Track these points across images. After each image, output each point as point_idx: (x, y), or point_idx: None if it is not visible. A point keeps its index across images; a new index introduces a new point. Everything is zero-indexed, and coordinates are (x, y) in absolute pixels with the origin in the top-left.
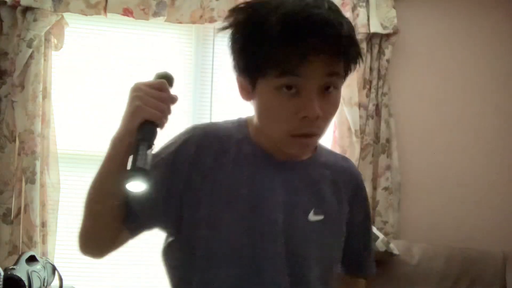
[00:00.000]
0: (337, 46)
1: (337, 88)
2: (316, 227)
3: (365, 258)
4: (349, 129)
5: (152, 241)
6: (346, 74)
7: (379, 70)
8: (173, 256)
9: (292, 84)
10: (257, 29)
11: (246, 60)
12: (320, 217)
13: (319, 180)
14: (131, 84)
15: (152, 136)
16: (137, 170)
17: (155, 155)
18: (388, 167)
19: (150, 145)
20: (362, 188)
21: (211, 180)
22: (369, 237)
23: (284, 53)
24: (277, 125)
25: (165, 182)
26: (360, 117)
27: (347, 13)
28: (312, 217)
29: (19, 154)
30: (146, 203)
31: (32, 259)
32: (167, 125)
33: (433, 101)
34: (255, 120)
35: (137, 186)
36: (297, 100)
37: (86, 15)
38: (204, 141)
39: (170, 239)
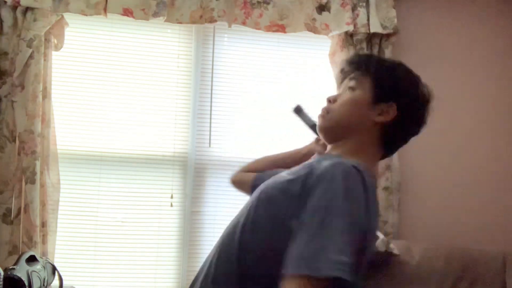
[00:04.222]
0: (350, 64)
1: (353, 89)
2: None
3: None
4: None
5: (151, 242)
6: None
7: None
8: None
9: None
10: None
11: None
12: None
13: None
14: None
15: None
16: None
17: None
18: (388, 167)
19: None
20: (314, 177)
21: None
22: (300, 232)
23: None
24: None
25: None
26: None
27: (347, 13)
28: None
29: (19, 154)
30: None
31: (32, 259)
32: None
33: (433, 100)
34: None
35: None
36: None
37: (86, 15)
38: None
39: None
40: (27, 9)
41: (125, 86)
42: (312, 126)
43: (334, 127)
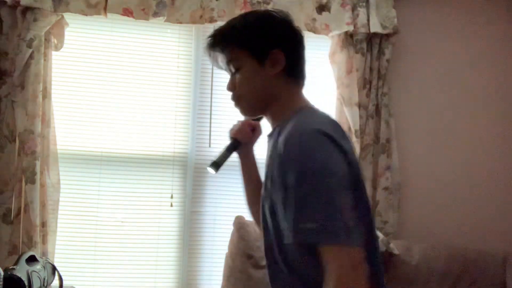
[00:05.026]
0: (212, 47)
1: (238, 69)
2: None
3: (284, 227)
4: (349, 129)
5: (151, 242)
6: (244, 55)
7: (379, 70)
8: None
9: None
10: None
11: None
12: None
13: (271, 150)
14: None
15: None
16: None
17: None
18: (388, 167)
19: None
20: (280, 153)
21: None
22: (286, 204)
23: None
24: None
25: None
26: (360, 117)
27: (347, 13)
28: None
29: (19, 154)
30: None
31: (32, 259)
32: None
33: (433, 101)
34: None
35: (211, 171)
36: None
37: (86, 15)
38: None
39: None
40: (27, 9)
41: (125, 86)
42: (231, 145)
43: (254, 106)
